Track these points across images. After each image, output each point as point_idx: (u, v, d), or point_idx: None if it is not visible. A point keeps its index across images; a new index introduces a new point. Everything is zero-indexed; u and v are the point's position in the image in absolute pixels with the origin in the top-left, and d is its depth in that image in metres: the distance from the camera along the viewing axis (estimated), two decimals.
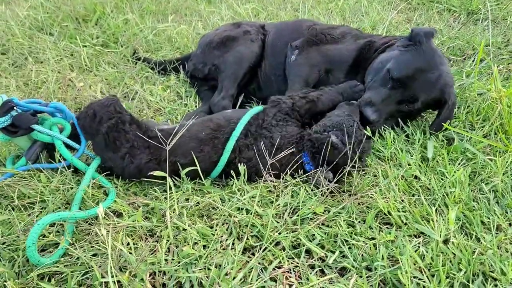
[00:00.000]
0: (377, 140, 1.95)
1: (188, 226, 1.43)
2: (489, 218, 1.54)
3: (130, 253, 1.30)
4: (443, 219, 1.51)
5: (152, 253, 1.35)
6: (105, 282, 1.22)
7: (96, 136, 1.59)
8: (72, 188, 1.58)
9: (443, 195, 1.64)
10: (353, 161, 1.59)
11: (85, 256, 1.28)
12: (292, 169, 1.65)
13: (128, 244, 1.35)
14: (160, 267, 1.28)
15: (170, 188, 1.47)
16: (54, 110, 1.67)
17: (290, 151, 1.64)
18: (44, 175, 1.61)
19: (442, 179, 1.73)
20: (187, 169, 1.57)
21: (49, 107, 1.66)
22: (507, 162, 1.80)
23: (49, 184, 1.58)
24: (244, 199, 1.54)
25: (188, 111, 2.30)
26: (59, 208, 1.51)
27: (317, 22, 2.49)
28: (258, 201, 1.54)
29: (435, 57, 1.89)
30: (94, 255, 1.32)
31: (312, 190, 1.63)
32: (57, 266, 1.27)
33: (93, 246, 1.34)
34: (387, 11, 3.54)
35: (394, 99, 1.90)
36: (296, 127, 1.76)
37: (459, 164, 1.83)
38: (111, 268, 1.18)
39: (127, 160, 1.56)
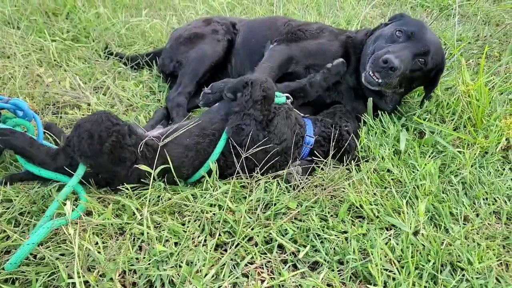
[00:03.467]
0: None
1: (160, 223, 1.41)
2: (457, 209, 1.58)
3: (99, 252, 1.27)
4: (413, 211, 1.54)
5: (122, 252, 1.32)
6: (72, 282, 1.18)
7: (98, 157, 1.44)
8: (39, 188, 1.53)
9: (414, 187, 1.66)
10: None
11: (51, 256, 1.24)
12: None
13: (97, 243, 1.32)
14: (131, 265, 1.26)
15: (150, 184, 1.45)
16: (14, 107, 1.60)
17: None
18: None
19: (413, 171, 1.76)
20: (160, 167, 1.52)
21: (9, 103, 1.59)
22: (475, 154, 1.85)
23: (14, 184, 1.52)
24: (217, 195, 1.52)
25: (161, 106, 2.26)
26: (26, 207, 1.46)
27: (291, 19, 2.48)
28: (231, 197, 1.53)
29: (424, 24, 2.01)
30: (62, 255, 1.28)
31: (284, 185, 1.63)
32: (21, 268, 1.22)
33: (60, 246, 1.30)
34: (362, 6, 3.56)
35: (411, 50, 1.88)
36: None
37: (429, 156, 1.86)
38: (78, 268, 1.15)
39: (131, 170, 1.50)
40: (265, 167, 1.60)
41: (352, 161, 1.75)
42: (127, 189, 1.51)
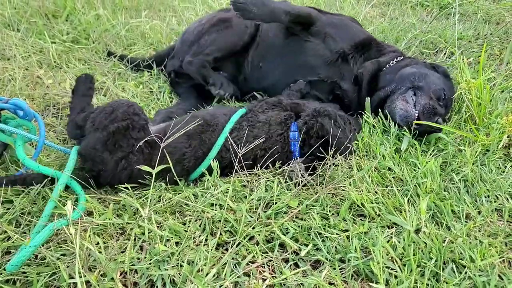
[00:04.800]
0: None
1: (160, 223, 1.41)
2: (459, 207, 1.57)
3: (100, 252, 1.26)
4: (415, 209, 1.53)
5: (123, 252, 1.32)
6: (73, 282, 1.18)
7: (100, 131, 1.51)
8: (39, 188, 1.52)
9: (415, 185, 1.66)
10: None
11: (52, 256, 1.24)
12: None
13: (97, 243, 1.31)
14: (132, 265, 1.26)
15: (149, 185, 1.44)
16: (14, 107, 1.60)
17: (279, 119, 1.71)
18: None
19: (414, 170, 1.76)
20: (159, 168, 1.51)
21: (9, 103, 1.59)
22: (476, 152, 1.84)
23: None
24: (218, 194, 1.52)
25: (161, 106, 2.26)
26: (26, 207, 1.46)
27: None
28: (232, 196, 1.53)
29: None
30: (63, 255, 1.28)
31: (285, 182, 1.63)
32: (22, 268, 1.22)
33: (61, 246, 1.30)
34: (362, 6, 3.56)
35: (442, 117, 1.97)
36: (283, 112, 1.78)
37: (430, 154, 1.86)
38: (79, 268, 1.15)
39: (121, 165, 1.50)
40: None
41: (347, 156, 1.72)
42: (127, 188, 1.50)
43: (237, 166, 1.60)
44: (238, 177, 1.63)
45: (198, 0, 3.69)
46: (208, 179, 1.59)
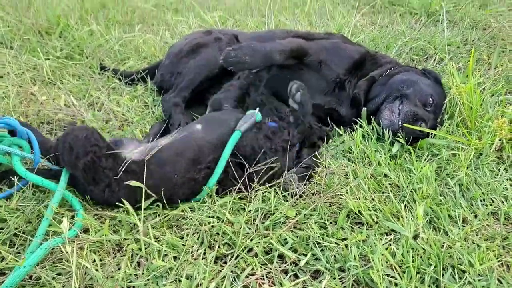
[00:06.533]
0: (349, 139, 1.99)
1: (158, 237, 1.40)
2: (455, 212, 1.58)
3: (97, 269, 1.25)
4: (412, 215, 1.53)
5: (120, 268, 1.30)
6: None
7: (74, 169, 1.48)
8: (34, 206, 1.51)
9: (411, 191, 1.66)
10: None
11: (47, 276, 1.22)
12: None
13: (94, 261, 1.30)
14: (130, 282, 1.24)
15: (142, 201, 1.44)
16: (6, 126, 1.58)
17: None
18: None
19: (409, 175, 1.77)
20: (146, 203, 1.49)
21: (0, 122, 1.57)
22: (470, 156, 1.85)
23: (10, 203, 1.51)
24: (215, 207, 1.51)
25: (156, 119, 2.26)
26: (21, 226, 1.44)
27: (292, 30, 2.50)
28: (230, 208, 1.52)
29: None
30: (58, 274, 1.27)
31: (282, 194, 1.63)
32: None
33: (57, 265, 1.29)
34: (352, 15, 3.61)
35: (431, 122, 2.01)
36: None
37: (425, 160, 1.87)
38: (75, 287, 1.14)
39: (107, 193, 1.48)
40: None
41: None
42: (124, 204, 1.49)
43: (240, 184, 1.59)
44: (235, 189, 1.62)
45: (191, 14, 3.72)
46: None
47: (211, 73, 2.30)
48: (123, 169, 1.46)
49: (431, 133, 1.97)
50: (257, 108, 1.78)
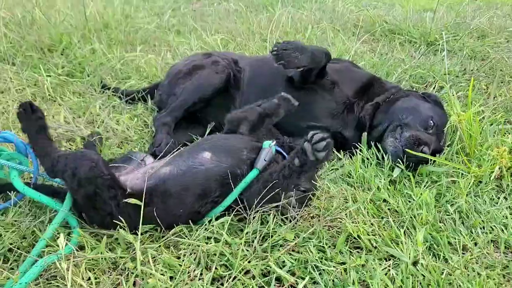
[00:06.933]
0: (348, 164, 1.99)
1: (154, 257, 1.38)
2: (455, 239, 1.57)
3: None
4: (411, 241, 1.52)
5: (116, 287, 1.28)
6: None
7: (75, 195, 1.46)
8: (30, 222, 1.49)
9: (411, 217, 1.65)
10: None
11: None
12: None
13: (89, 279, 1.27)
14: None
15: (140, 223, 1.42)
16: (3, 141, 1.58)
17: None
18: None
19: (409, 201, 1.76)
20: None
21: None
22: (469, 183, 1.86)
23: (5, 218, 1.49)
24: (213, 228, 1.50)
25: None
26: (16, 242, 1.42)
27: None
28: (227, 229, 1.51)
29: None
30: None
31: (280, 218, 1.61)
32: None
33: (51, 282, 1.26)
34: (352, 42, 3.68)
35: (434, 145, 2.02)
36: None
37: (424, 186, 1.87)
38: None
39: (107, 221, 1.45)
40: None
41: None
42: (121, 221, 1.47)
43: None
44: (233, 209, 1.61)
45: (193, 35, 3.78)
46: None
47: (204, 95, 2.31)
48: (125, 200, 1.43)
49: (431, 160, 1.98)
50: (274, 141, 1.72)
